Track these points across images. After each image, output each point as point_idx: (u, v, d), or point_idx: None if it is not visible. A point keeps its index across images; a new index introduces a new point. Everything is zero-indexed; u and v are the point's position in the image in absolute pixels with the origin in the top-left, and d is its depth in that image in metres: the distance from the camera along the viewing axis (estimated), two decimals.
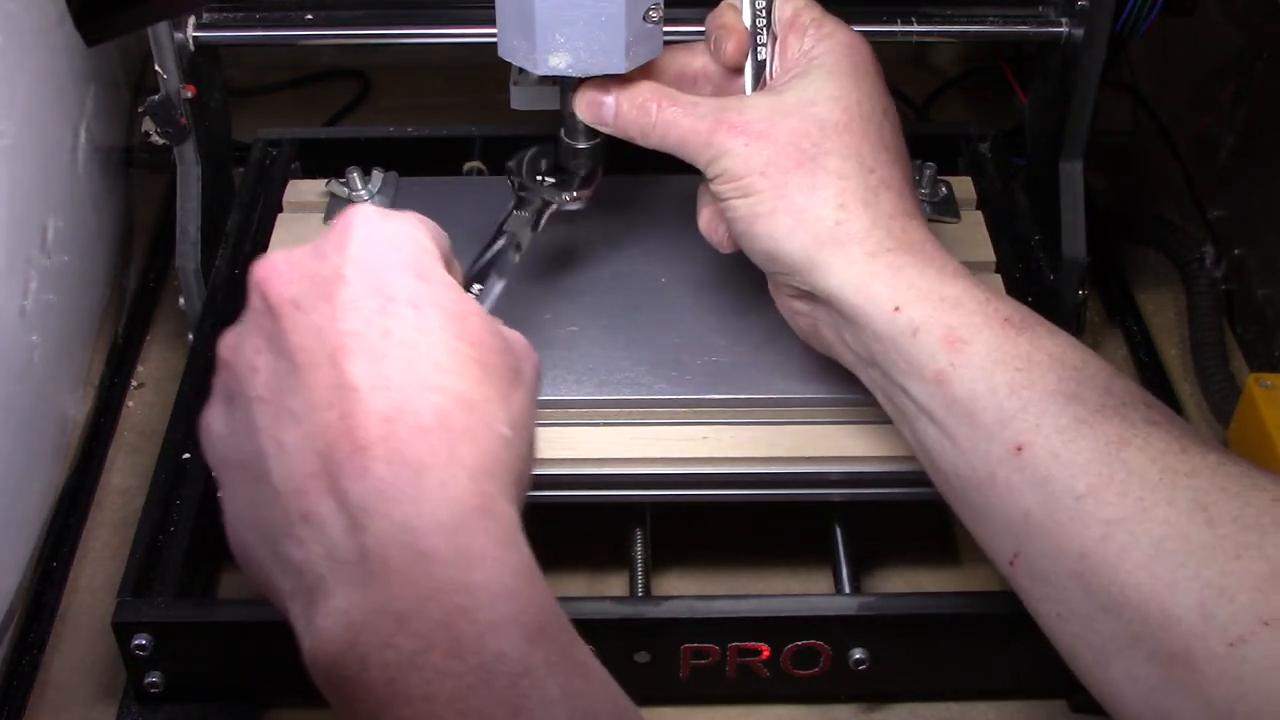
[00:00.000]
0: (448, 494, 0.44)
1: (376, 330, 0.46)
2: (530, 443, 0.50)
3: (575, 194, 0.68)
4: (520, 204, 0.67)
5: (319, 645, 0.44)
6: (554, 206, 0.68)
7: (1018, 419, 0.55)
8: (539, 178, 0.68)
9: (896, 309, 0.58)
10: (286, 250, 0.49)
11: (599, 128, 0.65)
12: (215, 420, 0.50)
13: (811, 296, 0.61)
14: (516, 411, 0.49)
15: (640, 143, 0.64)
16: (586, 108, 0.64)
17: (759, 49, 0.65)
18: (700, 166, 0.62)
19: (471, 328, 0.48)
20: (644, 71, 0.64)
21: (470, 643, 0.42)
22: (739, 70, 0.65)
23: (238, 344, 0.49)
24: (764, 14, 0.65)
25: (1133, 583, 0.50)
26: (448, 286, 0.49)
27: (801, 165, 0.60)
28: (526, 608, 0.44)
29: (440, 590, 0.43)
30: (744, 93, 0.65)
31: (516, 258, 0.65)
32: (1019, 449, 0.54)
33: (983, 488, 0.56)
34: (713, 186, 0.62)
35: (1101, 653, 0.52)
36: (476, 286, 0.62)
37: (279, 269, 0.48)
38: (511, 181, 0.68)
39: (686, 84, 0.65)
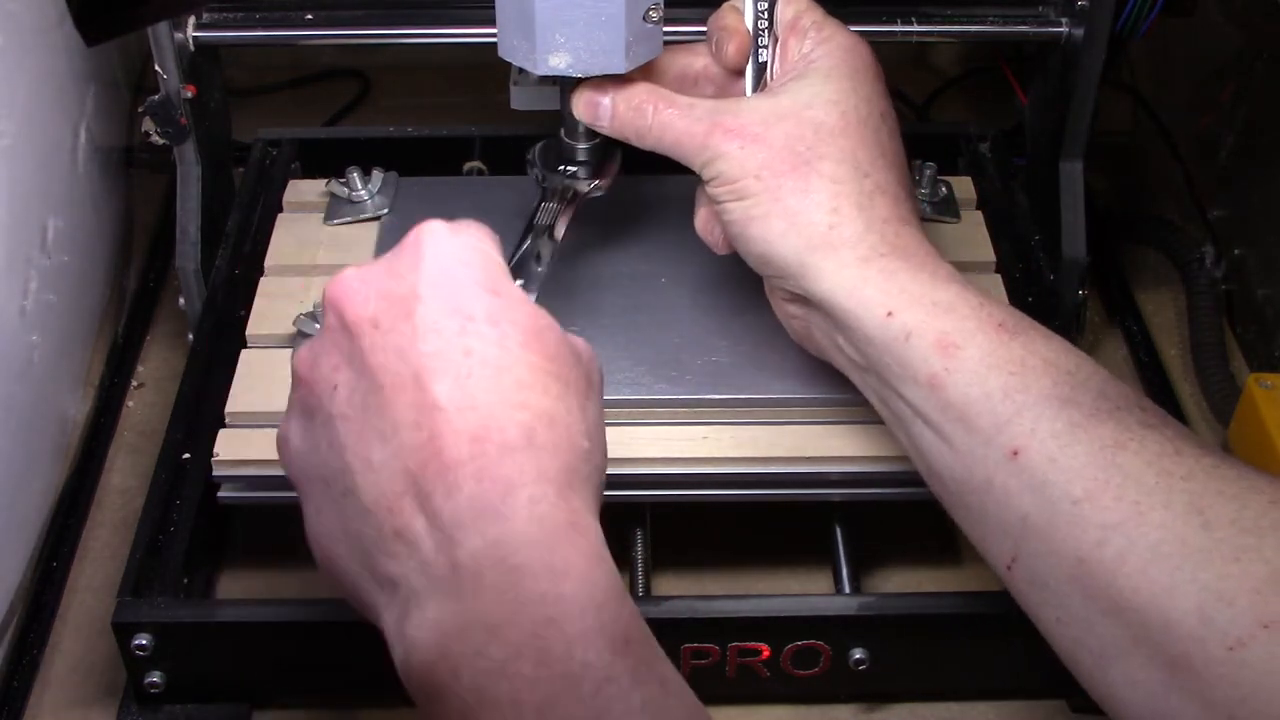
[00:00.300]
0: (537, 510, 0.45)
1: (458, 350, 0.47)
2: (604, 450, 0.51)
3: (597, 180, 0.68)
4: (546, 196, 0.68)
5: (413, 655, 0.45)
6: (579, 194, 0.68)
7: (1013, 423, 0.55)
8: (560, 168, 0.69)
9: (889, 314, 0.58)
10: (359, 268, 0.50)
11: (596, 128, 0.65)
12: (294, 435, 0.51)
13: (805, 300, 0.61)
14: (592, 421, 0.50)
15: (636, 144, 0.64)
16: (584, 108, 0.64)
17: (760, 51, 0.65)
18: (696, 169, 0.62)
19: (548, 342, 0.49)
20: (644, 72, 0.64)
21: (558, 652, 0.43)
22: (740, 72, 0.65)
23: (314, 361, 0.50)
24: (766, 16, 0.65)
25: (1130, 587, 0.50)
26: (521, 301, 0.50)
27: (796, 169, 0.60)
28: (613, 621, 0.45)
29: (530, 603, 0.44)
30: (745, 95, 0.65)
31: (551, 250, 0.65)
32: (1015, 453, 0.54)
33: (979, 491, 0.56)
34: (708, 189, 0.62)
35: (1101, 656, 0.52)
36: (519, 283, 0.62)
37: (354, 287, 0.49)
38: (533, 175, 0.69)
39: (688, 85, 0.65)
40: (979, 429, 0.56)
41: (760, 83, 0.65)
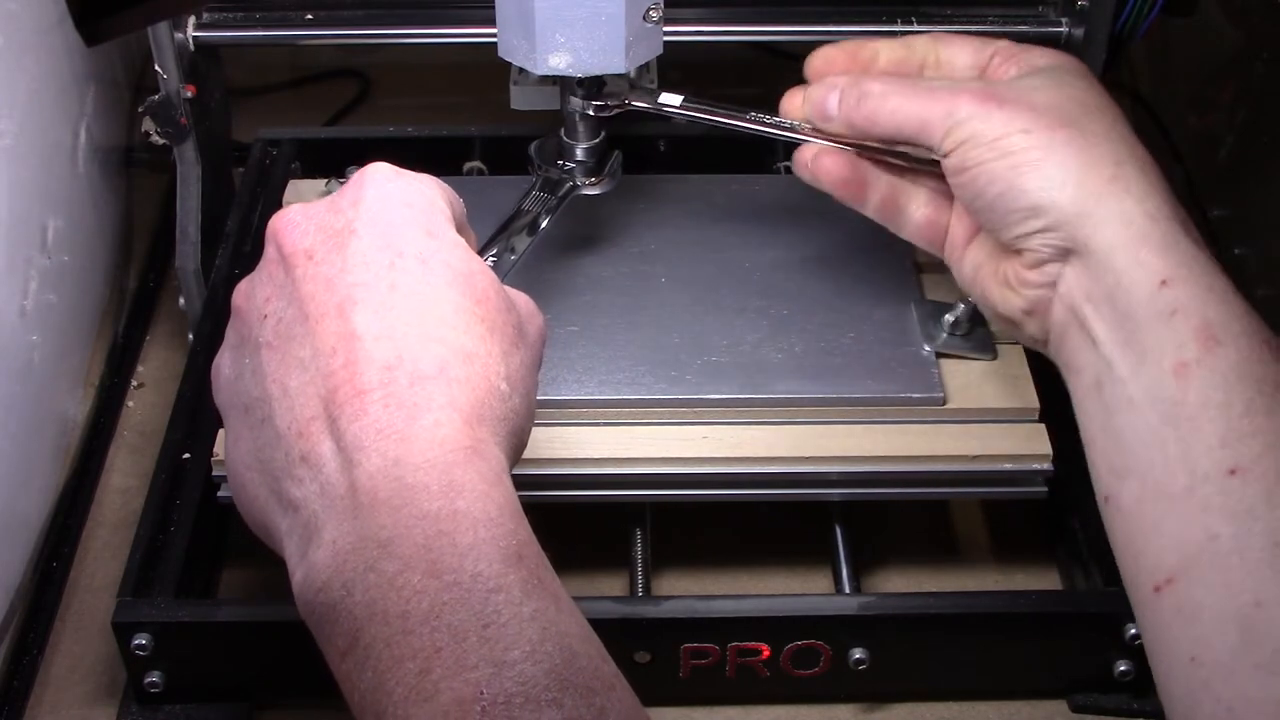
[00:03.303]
0: (440, 434, 0.46)
1: (384, 284, 0.48)
2: (529, 401, 0.51)
3: (594, 178, 0.68)
4: (539, 185, 0.68)
5: (309, 577, 0.46)
6: (572, 189, 0.68)
7: (1244, 442, 0.50)
8: (560, 162, 0.69)
9: (1163, 282, 0.53)
10: (304, 203, 0.51)
11: (824, 125, 0.63)
12: (224, 364, 0.52)
13: (1061, 260, 0.57)
14: (515, 368, 0.50)
15: (865, 133, 0.62)
16: (813, 107, 0.63)
17: None
18: (935, 142, 0.59)
19: (477, 285, 0.50)
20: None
21: (449, 562, 0.43)
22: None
23: (250, 291, 0.51)
24: None
25: None
26: (455, 245, 0.51)
27: (1068, 126, 0.57)
28: (506, 536, 0.45)
29: (425, 517, 0.44)
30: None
31: (531, 238, 0.65)
32: (1232, 472, 0.50)
33: (1172, 498, 0.51)
34: (955, 157, 0.58)
35: (1228, 710, 0.48)
36: (491, 259, 0.62)
37: (295, 221, 0.51)
38: (532, 166, 0.69)
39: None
40: (1203, 435, 0.51)
41: None
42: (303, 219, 0.50)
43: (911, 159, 0.62)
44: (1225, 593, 0.49)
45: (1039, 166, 0.56)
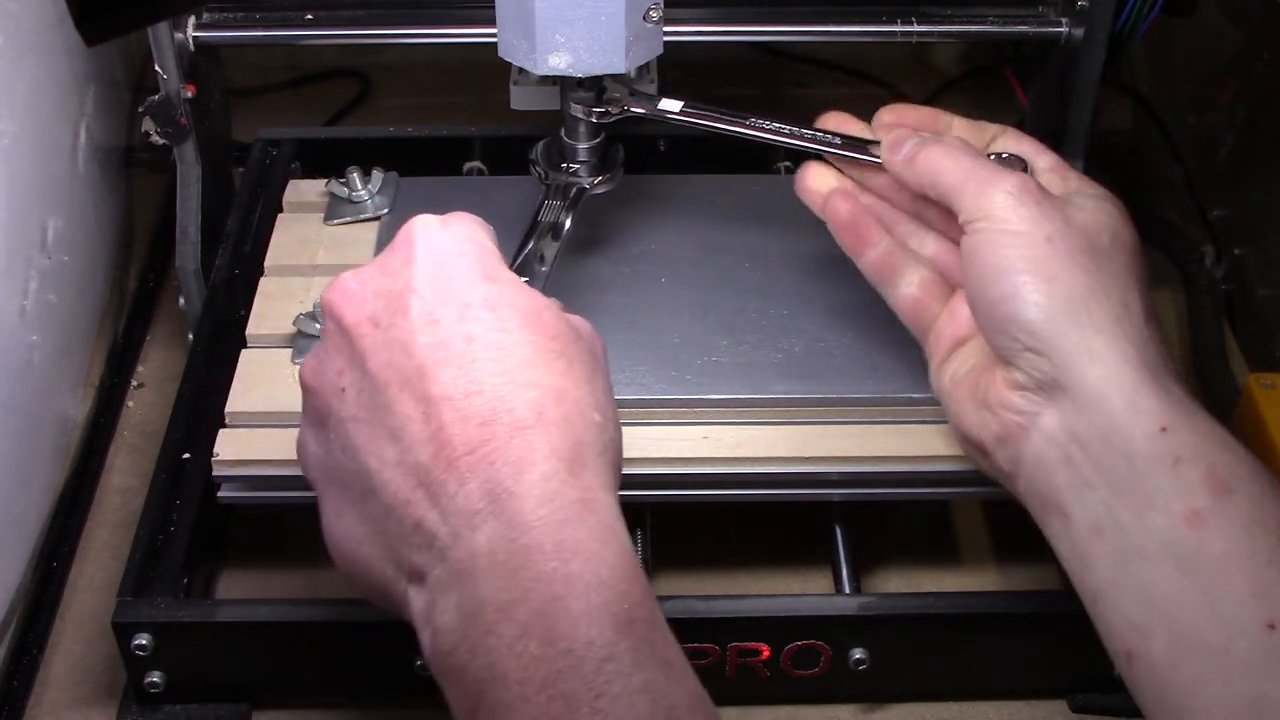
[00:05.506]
0: (549, 488, 0.46)
1: (459, 338, 0.48)
2: (617, 425, 0.51)
3: (600, 177, 0.68)
4: (550, 193, 0.68)
5: (437, 640, 0.46)
6: (582, 192, 0.68)
7: (1276, 592, 0.49)
8: (563, 165, 0.69)
9: (1164, 429, 0.52)
10: (353, 271, 0.51)
11: (891, 168, 0.62)
12: (309, 441, 0.52)
13: (1045, 391, 0.55)
14: (601, 395, 0.50)
15: (903, 175, 0.61)
16: (889, 147, 0.62)
17: None
18: (965, 204, 0.58)
19: (547, 322, 0.50)
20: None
21: (564, 629, 0.44)
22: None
23: (319, 368, 0.51)
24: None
25: None
26: (516, 285, 0.51)
27: (1091, 253, 0.56)
28: (619, 599, 0.45)
29: (540, 580, 0.45)
30: None
31: (556, 249, 0.65)
32: (1271, 626, 0.49)
33: (1209, 655, 0.50)
34: (973, 230, 0.57)
35: None
36: (523, 280, 0.62)
37: (350, 290, 0.50)
38: (535, 174, 0.69)
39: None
40: (1233, 587, 0.50)
41: None
42: (356, 287, 0.50)
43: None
44: None
45: (1051, 284, 0.55)
